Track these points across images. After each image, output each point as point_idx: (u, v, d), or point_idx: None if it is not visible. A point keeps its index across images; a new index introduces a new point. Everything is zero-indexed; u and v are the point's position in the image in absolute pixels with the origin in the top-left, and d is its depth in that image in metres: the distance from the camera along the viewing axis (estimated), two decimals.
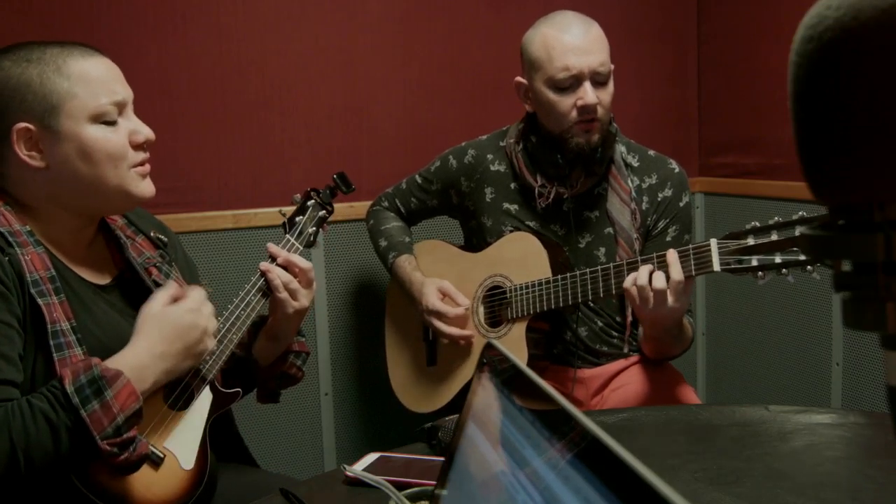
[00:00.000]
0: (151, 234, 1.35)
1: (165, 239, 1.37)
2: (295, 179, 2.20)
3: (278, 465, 2.13)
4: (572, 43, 1.59)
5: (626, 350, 1.77)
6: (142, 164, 1.19)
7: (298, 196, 1.54)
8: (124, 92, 1.17)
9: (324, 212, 1.52)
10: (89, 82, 1.13)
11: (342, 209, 2.22)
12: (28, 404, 1.01)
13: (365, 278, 2.27)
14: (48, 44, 1.13)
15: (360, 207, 2.21)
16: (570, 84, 1.60)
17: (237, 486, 1.31)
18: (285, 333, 1.42)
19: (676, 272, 1.43)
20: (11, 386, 1.03)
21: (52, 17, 1.93)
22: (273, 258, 1.39)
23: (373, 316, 2.19)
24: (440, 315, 1.73)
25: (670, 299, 1.43)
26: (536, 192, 1.72)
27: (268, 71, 2.14)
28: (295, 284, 1.36)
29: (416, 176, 1.94)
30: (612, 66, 1.64)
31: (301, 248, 1.44)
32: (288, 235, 1.45)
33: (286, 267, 1.37)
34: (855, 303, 0.40)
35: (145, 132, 1.19)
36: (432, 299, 1.75)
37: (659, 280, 1.43)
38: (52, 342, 1.06)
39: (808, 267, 1.32)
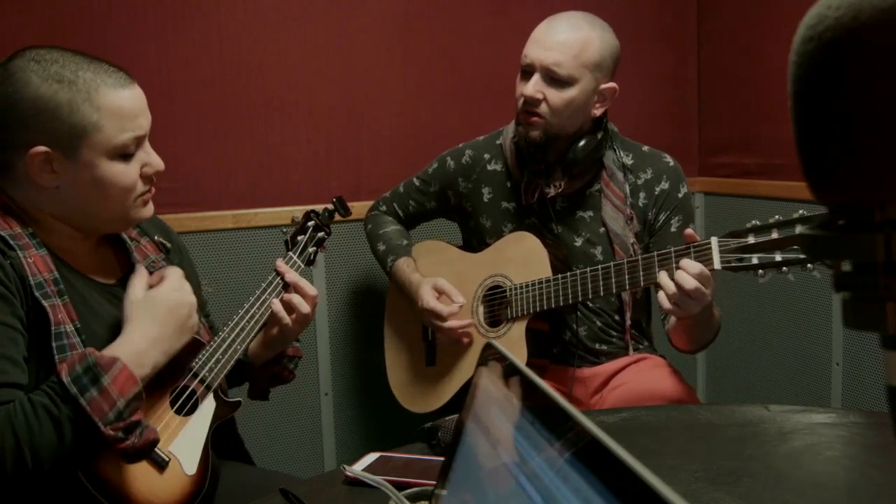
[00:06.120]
0: (156, 237, 1.36)
1: (169, 245, 1.38)
2: (294, 180, 2.20)
3: (278, 465, 2.13)
4: (538, 34, 1.64)
5: (630, 351, 1.76)
6: (146, 193, 1.20)
7: (298, 216, 1.59)
8: (147, 125, 1.17)
9: (322, 233, 1.57)
10: (118, 117, 1.11)
11: None
12: (29, 401, 1.01)
13: (365, 279, 2.27)
14: (79, 62, 1.10)
15: (360, 207, 2.21)
16: (527, 72, 1.63)
17: (237, 486, 1.31)
18: (282, 344, 1.44)
19: (695, 266, 1.39)
20: (17, 388, 1.03)
21: (53, 17, 1.93)
22: (280, 276, 1.42)
23: (373, 316, 2.19)
24: (436, 314, 1.74)
25: (706, 290, 1.39)
26: (522, 187, 1.72)
27: (268, 71, 2.14)
28: (305, 308, 1.39)
29: (414, 179, 1.94)
30: (580, 77, 1.60)
31: (302, 266, 1.49)
32: (291, 253, 1.49)
33: (293, 287, 1.41)
34: (855, 303, 0.40)
35: (156, 165, 1.19)
36: (427, 298, 1.75)
37: (688, 281, 1.38)
38: (54, 344, 1.06)
39: (809, 265, 1.32)
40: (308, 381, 2.22)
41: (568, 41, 1.60)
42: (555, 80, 1.60)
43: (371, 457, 1.14)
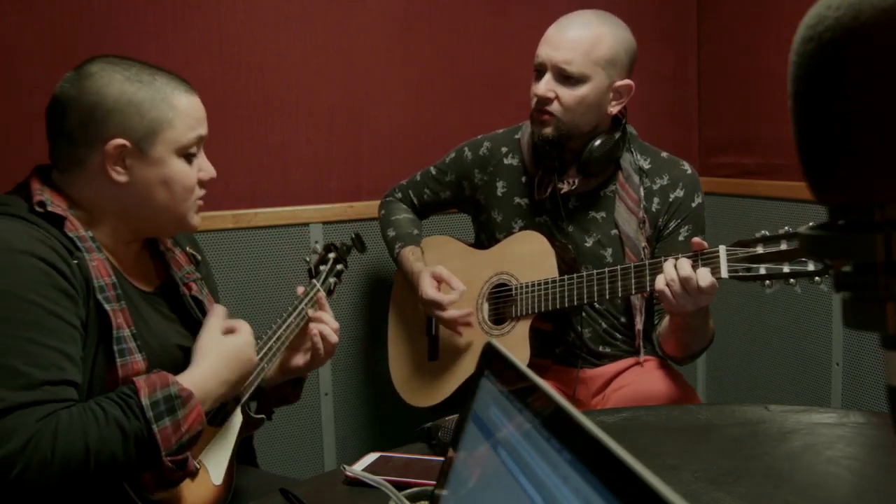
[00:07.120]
0: (187, 248, 1.39)
1: (199, 257, 1.41)
2: (294, 180, 2.20)
3: (278, 465, 2.13)
4: (550, 34, 1.64)
5: (641, 357, 1.75)
6: (201, 198, 1.26)
7: (319, 246, 1.63)
8: (206, 130, 1.24)
9: (341, 265, 1.61)
10: (188, 117, 1.19)
11: (342, 209, 2.23)
12: (102, 410, 1.02)
13: (366, 279, 2.27)
14: (152, 68, 1.19)
15: (359, 207, 2.22)
16: (540, 72, 1.64)
17: (237, 486, 1.31)
18: (304, 371, 1.48)
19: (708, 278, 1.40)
20: (73, 387, 1.05)
21: (53, 17, 1.93)
22: (306, 303, 1.44)
23: (373, 316, 2.19)
24: (436, 303, 1.74)
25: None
26: (536, 182, 1.72)
27: (268, 71, 2.14)
28: (334, 338, 1.43)
29: (431, 168, 1.95)
30: (592, 75, 1.60)
31: (325, 295, 1.52)
32: (315, 281, 1.52)
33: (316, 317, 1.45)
34: (855, 303, 0.40)
35: (210, 172, 1.26)
36: (426, 288, 1.75)
37: (685, 269, 1.40)
38: (115, 348, 1.09)
39: (817, 278, 1.32)
40: (308, 381, 2.20)
41: (578, 38, 1.60)
42: (566, 78, 1.60)
43: (371, 457, 1.14)
